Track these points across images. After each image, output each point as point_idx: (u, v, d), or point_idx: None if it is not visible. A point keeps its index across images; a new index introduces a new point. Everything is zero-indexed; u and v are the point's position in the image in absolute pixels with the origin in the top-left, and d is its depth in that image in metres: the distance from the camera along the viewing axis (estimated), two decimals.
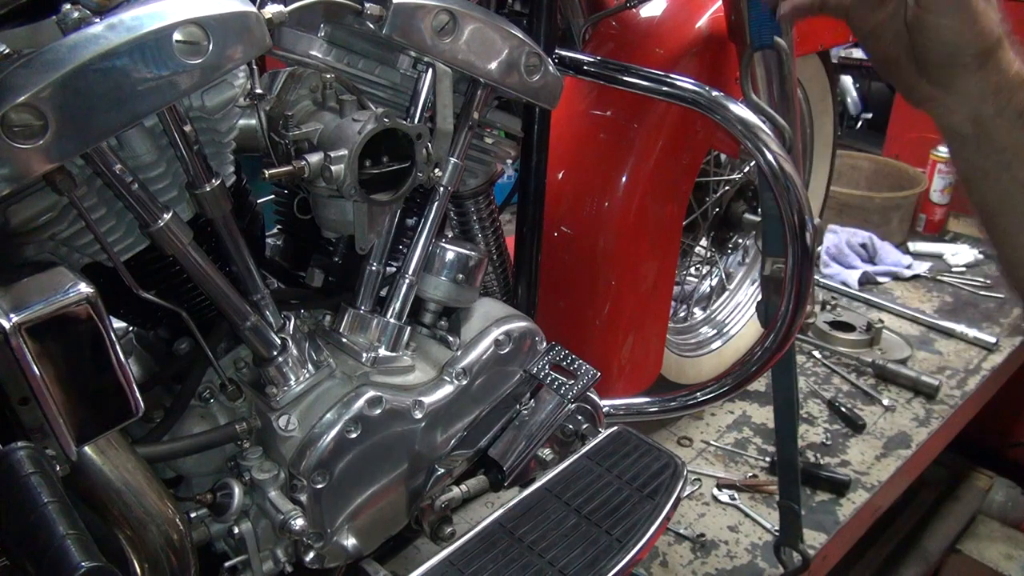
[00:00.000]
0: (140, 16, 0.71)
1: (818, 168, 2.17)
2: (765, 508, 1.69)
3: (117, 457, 0.81)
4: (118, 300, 0.88)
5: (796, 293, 1.19)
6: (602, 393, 1.19)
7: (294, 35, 0.99)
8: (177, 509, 0.85)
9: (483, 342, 1.07)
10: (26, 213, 0.75)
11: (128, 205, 0.79)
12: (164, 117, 0.78)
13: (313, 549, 0.96)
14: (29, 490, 0.64)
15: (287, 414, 0.94)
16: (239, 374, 0.99)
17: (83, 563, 0.58)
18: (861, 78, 4.09)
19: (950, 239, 3.05)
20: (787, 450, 1.46)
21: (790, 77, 1.29)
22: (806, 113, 2.04)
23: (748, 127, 1.11)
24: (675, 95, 1.16)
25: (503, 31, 1.00)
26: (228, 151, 0.90)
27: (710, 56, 1.48)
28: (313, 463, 0.92)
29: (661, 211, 1.52)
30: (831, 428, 1.95)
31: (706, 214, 1.82)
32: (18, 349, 0.67)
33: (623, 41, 1.49)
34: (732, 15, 1.34)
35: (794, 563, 1.49)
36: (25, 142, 0.66)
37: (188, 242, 0.83)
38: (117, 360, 0.73)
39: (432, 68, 0.96)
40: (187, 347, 0.98)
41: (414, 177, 0.96)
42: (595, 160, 1.48)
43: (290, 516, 0.90)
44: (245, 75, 0.85)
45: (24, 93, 0.65)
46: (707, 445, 1.87)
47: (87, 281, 0.71)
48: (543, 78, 1.06)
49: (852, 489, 1.75)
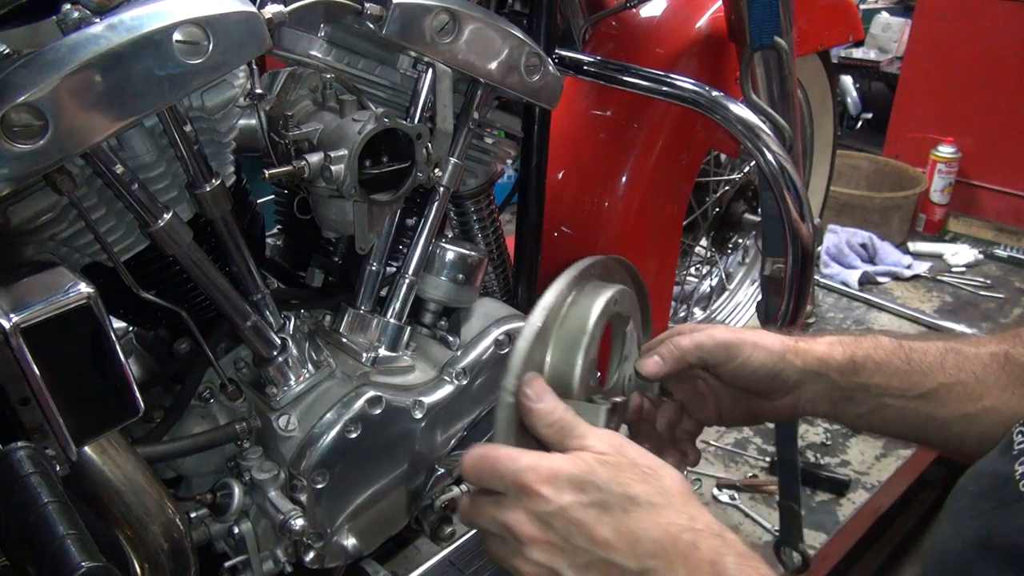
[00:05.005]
0: (140, 16, 0.71)
1: (818, 168, 2.17)
2: (765, 508, 1.69)
3: (117, 457, 0.81)
4: (118, 300, 0.88)
5: (796, 293, 1.19)
6: None
7: (294, 35, 0.99)
8: (177, 509, 0.85)
9: (483, 342, 1.07)
10: (26, 213, 0.75)
11: (128, 205, 0.79)
12: (164, 117, 0.78)
13: (313, 549, 0.96)
14: (29, 490, 0.63)
15: (287, 414, 0.94)
16: (239, 374, 0.99)
17: (83, 563, 0.58)
18: (861, 78, 4.09)
19: (950, 239, 3.05)
20: (787, 450, 1.46)
21: (790, 77, 1.29)
22: (806, 113, 2.04)
23: (748, 127, 1.11)
24: (675, 95, 1.16)
25: (503, 31, 1.00)
26: (228, 151, 0.90)
27: (710, 56, 1.48)
28: (313, 463, 0.92)
29: (661, 211, 1.52)
30: (831, 428, 1.95)
31: (706, 214, 1.81)
32: (18, 349, 0.67)
33: (623, 41, 1.49)
34: (732, 15, 1.34)
35: (794, 563, 1.49)
36: (25, 142, 0.66)
37: (188, 242, 0.83)
38: (117, 360, 0.73)
39: (432, 68, 0.96)
40: (187, 347, 0.98)
41: (414, 177, 0.96)
42: (595, 160, 1.48)
43: (290, 516, 0.90)
44: (245, 75, 0.85)
45: (24, 93, 0.65)
46: (707, 445, 1.87)
47: (87, 281, 0.71)
48: (543, 78, 1.06)
49: (852, 489, 1.75)
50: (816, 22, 1.77)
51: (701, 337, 0.76)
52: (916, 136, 3.14)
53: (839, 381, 0.76)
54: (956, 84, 3.04)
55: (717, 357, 0.76)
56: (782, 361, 0.76)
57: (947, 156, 3.00)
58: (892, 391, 0.75)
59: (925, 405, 0.75)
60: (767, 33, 1.20)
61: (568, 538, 0.56)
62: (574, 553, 0.56)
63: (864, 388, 0.76)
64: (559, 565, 0.56)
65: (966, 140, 3.01)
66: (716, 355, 0.76)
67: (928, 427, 0.75)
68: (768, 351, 0.76)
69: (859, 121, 4.05)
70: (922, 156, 3.06)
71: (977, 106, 3.00)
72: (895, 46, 3.99)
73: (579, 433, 0.61)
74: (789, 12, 1.24)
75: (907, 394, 0.75)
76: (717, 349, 0.76)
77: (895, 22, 4.05)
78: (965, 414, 0.73)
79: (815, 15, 1.74)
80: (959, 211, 3.11)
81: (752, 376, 0.76)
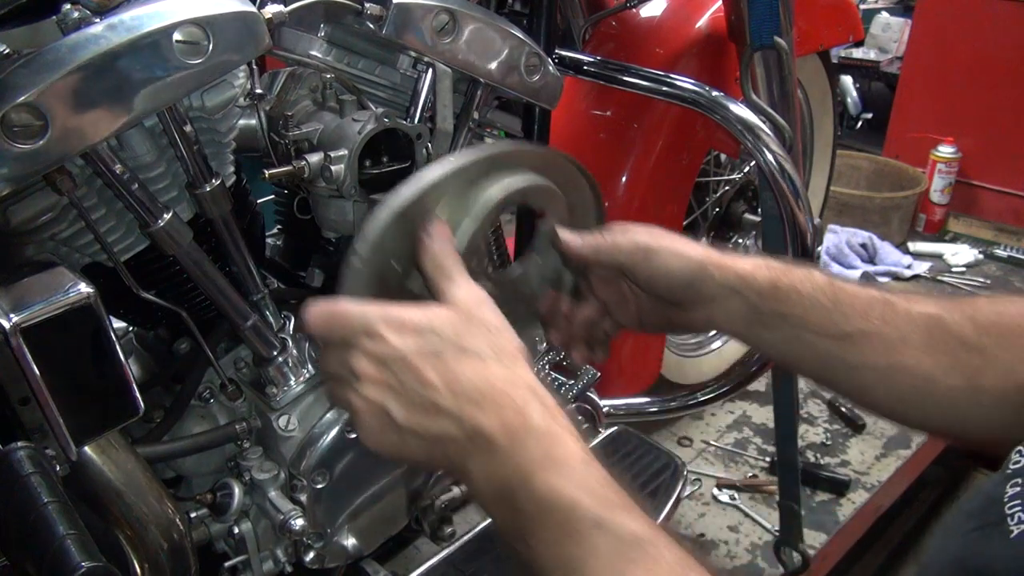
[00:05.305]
0: (140, 16, 0.71)
1: (818, 168, 2.17)
2: (765, 508, 1.69)
3: (117, 457, 0.81)
4: (118, 300, 0.88)
5: None
6: (602, 393, 1.19)
7: (294, 35, 0.99)
8: (177, 509, 0.85)
9: None
10: (26, 213, 0.75)
11: (128, 205, 0.79)
12: (164, 117, 0.78)
13: (313, 549, 0.96)
14: (29, 490, 0.63)
15: (287, 414, 0.94)
16: (239, 374, 0.99)
17: (83, 563, 0.58)
18: (861, 78, 4.08)
19: (950, 239, 3.05)
20: (787, 450, 1.46)
21: (790, 77, 1.29)
22: (806, 113, 2.04)
23: (748, 127, 1.11)
24: (675, 95, 1.17)
25: (503, 31, 1.00)
26: (228, 151, 0.90)
27: (710, 56, 1.48)
28: (313, 463, 0.92)
29: (661, 211, 1.52)
30: (831, 428, 1.95)
31: (706, 214, 1.81)
32: (18, 349, 0.67)
33: (623, 41, 1.50)
34: (732, 15, 1.34)
35: (794, 563, 1.49)
36: (25, 142, 0.66)
37: (188, 242, 0.83)
38: (117, 360, 0.73)
39: (432, 68, 0.96)
40: (187, 347, 0.98)
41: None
42: (595, 160, 1.48)
43: (290, 516, 0.90)
44: (245, 75, 0.85)
45: (24, 93, 0.65)
46: (707, 445, 1.87)
47: (87, 281, 0.71)
48: (543, 78, 1.06)
49: (852, 489, 1.75)
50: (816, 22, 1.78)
51: (620, 237, 0.77)
52: (916, 136, 3.14)
53: (757, 303, 0.75)
54: (956, 84, 3.04)
55: (634, 259, 0.76)
56: (700, 271, 0.75)
57: (947, 156, 3.00)
58: (809, 326, 0.74)
59: (838, 346, 0.73)
60: (767, 33, 1.21)
61: (400, 379, 0.59)
62: (403, 393, 0.59)
63: (781, 316, 0.75)
64: (388, 403, 0.60)
65: (966, 140, 3.01)
66: (633, 257, 0.76)
67: (837, 369, 0.74)
68: (686, 259, 0.76)
69: (859, 121, 4.04)
70: (922, 156, 3.06)
71: (977, 106, 3.00)
72: (895, 46, 3.98)
73: (454, 280, 0.65)
74: (789, 12, 1.24)
75: (823, 332, 0.73)
76: (634, 251, 0.76)
77: (895, 22, 4.05)
78: (877, 365, 0.72)
79: (815, 15, 1.75)
80: (959, 211, 3.11)
81: (667, 283, 0.76)
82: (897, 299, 0.73)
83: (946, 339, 0.70)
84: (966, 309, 0.71)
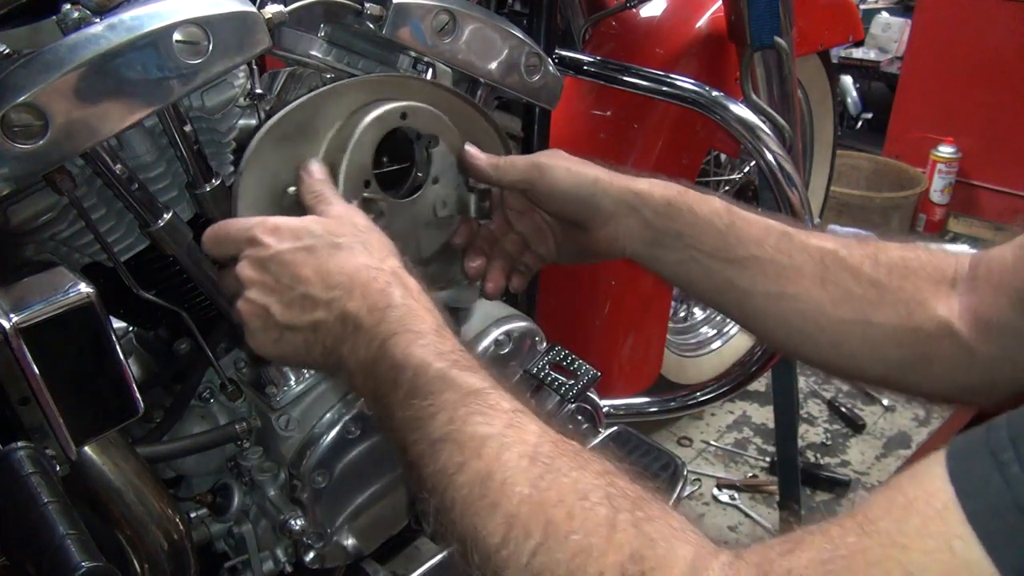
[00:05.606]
0: (140, 16, 0.71)
1: (818, 168, 2.18)
2: (765, 508, 1.69)
3: (117, 457, 0.81)
4: (118, 300, 0.88)
5: None
6: (602, 393, 1.19)
7: (294, 35, 0.99)
8: (177, 509, 0.85)
9: (483, 342, 1.07)
10: (26, 213, 0.75)
11: (128, 205, 0.79)
12: (164, 117, 0.78)
13: (313, 549, 0.96)
14: (29, 490, 0.64)
15: (287, 414, 0.94)
16: (239, 374, 0.98)
17: (83, 563, 0.58)
18: (861, 78, 4.08)
19: (950, 239, 3.06)
20: (787, 450, 1.46)
21: (790, 77, 1.29)
22: (806, 113, 2.04)
23: (748, 127, 1.11)
24: (675, 95, 1.17)
25: (503, 31, 1.00)
26: (228, 151, 0.89)
27: (710, 56, 1.48)
28: (313, 463, 0.92)
29: None
30: (831, 428, 1.95)
31: None
32: (18, 349, 0.67)
33: (623, 41, 1.50)
34: (732, 15, 1.34)
35: None
36: (25, 142, 0.66)
37: (188, 242, 0.83)
38: (117, 360, 0.73)
39: (432, 68, 0.96)
40: (187, 347, 0.98)
41: (414, 177, 0.96)
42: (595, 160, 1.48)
43: (290, 516, 0.90)
44: (245, 75, 0.85)
45: (24, 93, 0.65)
46: (707, 445, 1.87)
47: (87, 281, 0.71)
48: (543, 78, 1.06)
49: (852, 489, 1.75)
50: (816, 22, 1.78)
51: (518, 157, 0.81)
52: (916, 136, 3.14)
53: (652, 221, 0.77)
54: (956, 84, 3.04)
55: (530, 176, 0.79)
56: (594, 186, 0.78)
57: (947, 156, 3.00)
58: (703, 247, 0.75)
59: (730, 270, 0.74)
60: (767, 33, 1.21)
61: (278, 278, 0.64)
62: (281, 291, 0.64)
63: (676, 235, 0.76)
64: (270, 302, 0.64)
65: (966, 140, 3.01)
66: (529, 174, 0.79)
67: (729, 293, 0.76)
68: (579, 176, 0.78)
69: (859, 121, 4.04)
70: (922, 156, 3.06)
71: (977, 106, 3.00)
72: (895, 46, 3.98)
73: (331, 202, 0.71)
74: (789, 12, 1.24)
75: (716, 255, 0.75)
76: (530, 168, 0.80)
77: (895, 22, 4.05)
78: (768, 292, 0.73)
79: (815, 15, 1.75)
80: (959, 211, 3.12)
81: (563, 200, 0.78)
82: (796, 232, 0.74)
83: (839, 272, 0.71)
84: (869, 249, 0.72)
